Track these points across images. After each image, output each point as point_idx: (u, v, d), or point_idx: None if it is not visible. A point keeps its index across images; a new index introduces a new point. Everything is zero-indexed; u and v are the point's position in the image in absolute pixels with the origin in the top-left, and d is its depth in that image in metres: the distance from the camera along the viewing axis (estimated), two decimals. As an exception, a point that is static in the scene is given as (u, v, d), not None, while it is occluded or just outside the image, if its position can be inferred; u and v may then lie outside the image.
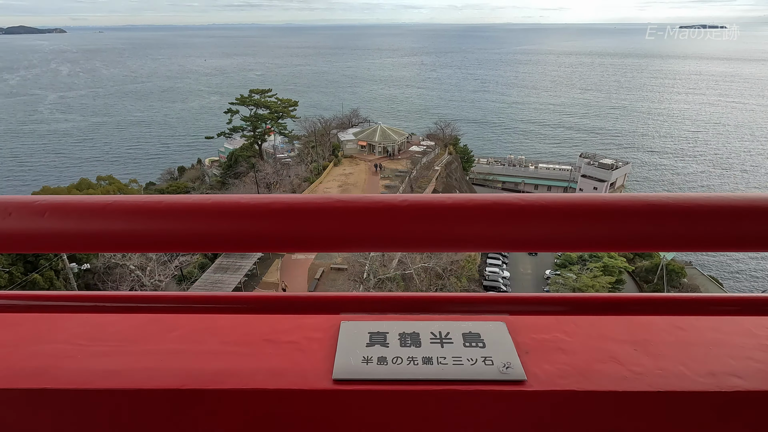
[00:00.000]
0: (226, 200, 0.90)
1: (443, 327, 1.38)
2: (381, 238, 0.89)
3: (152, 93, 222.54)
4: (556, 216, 0.87)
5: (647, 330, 1.39)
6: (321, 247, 0.90)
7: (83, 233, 0.89)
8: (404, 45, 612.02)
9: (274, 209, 0.88)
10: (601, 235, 0.87)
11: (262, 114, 76.75)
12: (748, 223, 0.85)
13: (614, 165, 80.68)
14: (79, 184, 54.83)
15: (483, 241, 0.89)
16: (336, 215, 0.88)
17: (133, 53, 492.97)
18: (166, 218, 0.89)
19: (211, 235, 0.89)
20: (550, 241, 0.89)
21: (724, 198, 0.86)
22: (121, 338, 1.38)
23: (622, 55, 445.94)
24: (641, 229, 0.86)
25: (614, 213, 0.86)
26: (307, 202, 0.89)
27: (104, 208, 0.88)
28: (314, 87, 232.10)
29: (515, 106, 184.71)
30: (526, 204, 0.87)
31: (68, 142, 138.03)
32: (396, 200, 0.89)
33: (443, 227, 0.88)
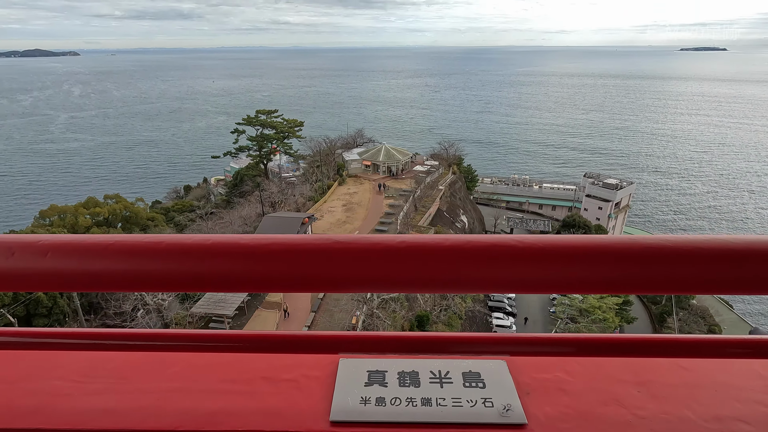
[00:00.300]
0: (226, 240, 0.91)
1: (443, 365, 1.36)
2: (378, 280, 0.90)
3: (161, 113, 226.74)
4: (553, 258, 0.87)
5: (651, 371, 1.36)
6: (319, 287, 0.91)
7: (85, 273, 0.90)
8: (408, 67, 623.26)
9: (273, 250, 0.89)
10: (597, 277, 0.87)
11: (268, 134, 77.79)
12: (746, 266, 0.84)
13: (618, 185, 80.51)
14: (87, 202, 55.38)
15: (481, 282, 0.90)
16: (334, 256, 0.88)
17: (143, 75, 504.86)
18: (167, 258, 0.90)
19: (212, 274, 0.90)
20: (547, 283, 0.89)
21: (719, 240, 0.85)
22: (118, 376, 1.37)
23: (624, 76, 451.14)
24: (636, 272, 0.86)
25: (610, 255, 0.86)
26: (305, 243, 0.90)
27: (106, 248, 0.90)
28: (320, 108, 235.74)
29: (518, 127, 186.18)
30: (524, 246, 0.87)
31: (77, 161, 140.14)
32: (394, 241, 0.89)
33: (440, 269, 0.88)
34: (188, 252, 0.89)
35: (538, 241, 0.89)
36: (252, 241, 0.90)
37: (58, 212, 51.90)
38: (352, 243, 0.89)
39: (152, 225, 58.09)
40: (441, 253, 0.88)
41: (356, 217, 53.59)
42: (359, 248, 0.89)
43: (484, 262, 0.87)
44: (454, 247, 0.88)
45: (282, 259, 0.89)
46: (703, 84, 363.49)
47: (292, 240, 0.91)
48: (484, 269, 0.88)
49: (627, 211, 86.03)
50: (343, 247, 0.88)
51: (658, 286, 0.88)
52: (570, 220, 70.82)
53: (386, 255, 0.88)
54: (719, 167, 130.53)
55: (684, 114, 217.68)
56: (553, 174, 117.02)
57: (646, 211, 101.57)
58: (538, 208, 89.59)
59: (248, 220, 52.18)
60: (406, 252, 0.88)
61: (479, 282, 0.89)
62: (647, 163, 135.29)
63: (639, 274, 0.86)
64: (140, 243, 0.91)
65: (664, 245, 0.86)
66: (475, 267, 0.87)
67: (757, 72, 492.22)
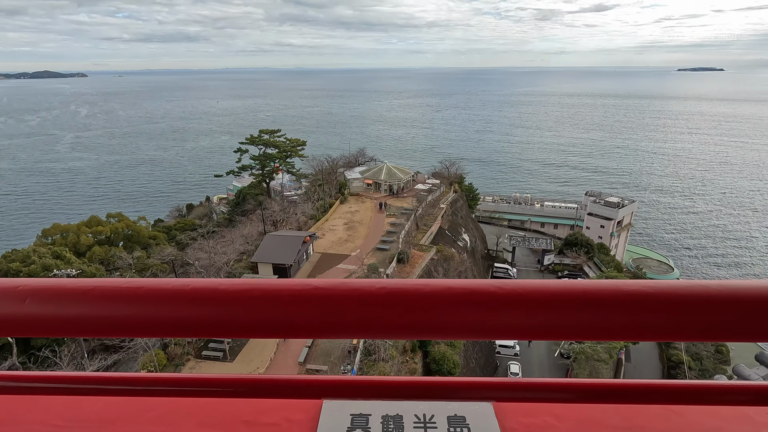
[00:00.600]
0: (205, 285, 0.90)
1: (428, 409, 1.34)
2: (356, 326, 0.89)
3: (165, 133, 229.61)
4: (531, 304, 0.86)
5: (642, 416, 1.33)
6: (298, 334, 0.90)
7: (64, 318, 0.89)
8: (410, 87, 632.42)
9: (252, 296, 0.88)
10: (581, 324, 0.87)
11: (271, 153, 78.43)
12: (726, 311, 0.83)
13: (620, 203, 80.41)
14: (89, 221, 55.54)
15: (462, 329, 0.89)
16: (312, 302, 0.88)
17: (149, 96, 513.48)
18: (146, 303, 0.88)
19: (191, 320, 0.89)
20: (525, 329, 0.88)
21: (707, 287, 0.84)
22: (98, 421, 1.34)
23: (623, 96, 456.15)
24: (618, 318, 0.85)
25: (593, 302, 0.86)
26: (283, 289, 0.89)
27: (85, 294, 0.89)
28: (322, 127, 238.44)
29: (519, 146, 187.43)
30: (503, 292, 0.87)
31: (81, 180, 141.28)
32: (373, 287, 0.89)
33: (420, 315, 0.88)
34: (168, 297, 0.89)
35: (517, 287, 0.88)
36: (232, 287, 0.90)
37: (61, 231, 52.01)
38: (330, 289, 0.88)
39: (154, 243, 58.08)
40: (421, 298, 0.87)
41: (358, 235, 53.48)
42: (337, 294, 0.88)
43: (465, 308, 0.87)
44: (435, 292, 0.87)
45: (262, 305, 0.88)
46: (701, 103, 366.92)
47: (272, 286, 0.90)
48: (465, 315, 0.87)
49: (629, 229, 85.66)
50: (321, 293, 0.88)
51: (636, 333, 0.87)
52: (572, 238, 70.48)
53: (365, 301, 0.87)
54: (721, 186, 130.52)
55: (684, 133, 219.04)
56: (555, 192, 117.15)
57: (649, 229, 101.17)
58: (540, 227, 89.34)
59: (250, 238, 52.12)
60: (385, 298, 0.87)
61: (461, 329, 0.89)
62: (649, 181, 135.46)
63: (600, 320, 0.86)
64: (120, 288, 0.90)
65: (642, 291, 0.84)
66: (455, 313, 0.87)
67: (755, 91, 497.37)
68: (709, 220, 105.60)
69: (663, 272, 73.16)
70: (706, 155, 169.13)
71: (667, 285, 0.86)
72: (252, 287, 0.89)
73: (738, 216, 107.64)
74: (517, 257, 70.10)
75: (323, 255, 48.69)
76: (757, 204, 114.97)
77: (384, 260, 45.22)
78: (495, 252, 72.54)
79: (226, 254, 43.93)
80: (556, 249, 70.29)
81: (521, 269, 67.86)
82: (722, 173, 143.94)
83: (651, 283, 0.86)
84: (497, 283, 0.89)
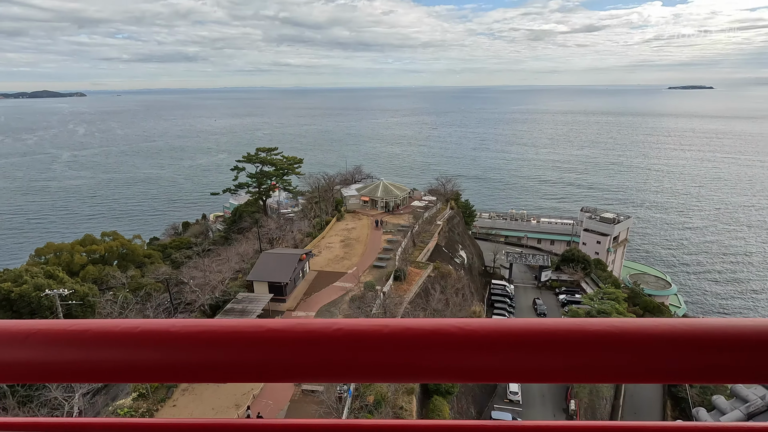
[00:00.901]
0: (155, 327, 0.85)
1: None
2: (311, 369, 0.84)
3: (162, 151, 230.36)
4: (497, 345, 0.82)
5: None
6: (250, 377, 0.85)
7: (2, 364, 0.83)
8: (406, 105, 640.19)
9: (201, 339, 0.83)
10: (550, 366, 0.82)
11: (268, 171, 78.64)
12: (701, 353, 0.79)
13: (616, 219, 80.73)
14: (84, 240, 55.10)
15: (421, 371, 0.84)
16: (267, 345, 0.83)
17: (147, 114, 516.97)
18: (92, 347, 0.82)
19: (140, 364, 0.83)
20: (492, 372, 0.83)
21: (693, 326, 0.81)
22: None
23: (616, 113, 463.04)
24: (559, 360, 0.82)
25: (561, 342, 0.82)
26: (235, 330, 0.84)
27: (27, 337, 0.84)
28: (319, 145, 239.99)
29: (515, 163, 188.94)
30: (463, 333, 0.83)
31: (77, 198, 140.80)
32: (330, 328, 0.85)
33: (375, 356, 0.83)
34: (114, 340, 0.82)
35: (480, 326, 0.84)
36: (182, 328, 0.85)
37: (54, 250, 51.51)
38: (283, 330, 0.84)
39: (149, 262, 57.53)
40: (379, 340, 0.83)
41: (354, 252, 53.22)
42: (291, 337, 0.83)
43: (426, 349, 0.82)
44: (394, 333, 0.83)
45: (206, 348, 0.83)
46: (693, 120, 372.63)
47: (220, 327, 0.85)
48: (426, 357, 0.82)
49: (626, 245, 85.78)
50: (273, 335, 0.84)
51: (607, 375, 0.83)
52: (569, 254, 70.42)
53: (320, 343, 0.83)
54: (716, 201, 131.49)
55: (677, 149, 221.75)
56: (551, 209, 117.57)
57: (646, 245, 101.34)
58: (536, 243, 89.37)
59: (245, 256, 51.74)
60: (342, 339, 0.83)
61: (422, 371, 0.84)
62: (644, 197, 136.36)
63: (561, 362, 0.82)
64: (64, 331, 0.84)
65: (620, 329, 0.81)
66: (416, 355, 0.83)
67: (745, 109, 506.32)
68: (704, 236, 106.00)
69: (661, 288, 72.95)
70: (699, 171, 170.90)
71: (635, 325, 0.83)
72: (203, 329, 0.84)
73: (733, 231, 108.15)
74: (514, 274, 69.85)
75: (319, 273, 48.32)
76: (752, 220, 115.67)
77: (381, 278, 44.90)
78: (492, 269, 72.27)
79: (222, 272, 43.50)
80: (553, 265, 70.12)
81: (518, 286, 67.52)
82: (716, 189, 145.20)
83: (617, 323, 0.83)
84: (459, 322, 0.85)
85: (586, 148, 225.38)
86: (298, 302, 42.74)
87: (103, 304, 36.44)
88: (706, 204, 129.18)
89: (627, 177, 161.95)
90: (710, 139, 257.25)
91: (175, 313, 37.33)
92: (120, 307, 35.72)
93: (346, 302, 41.06)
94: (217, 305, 40.21)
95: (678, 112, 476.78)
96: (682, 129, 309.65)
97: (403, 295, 42.36)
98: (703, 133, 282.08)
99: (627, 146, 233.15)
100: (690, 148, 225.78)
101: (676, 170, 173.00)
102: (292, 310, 41.69)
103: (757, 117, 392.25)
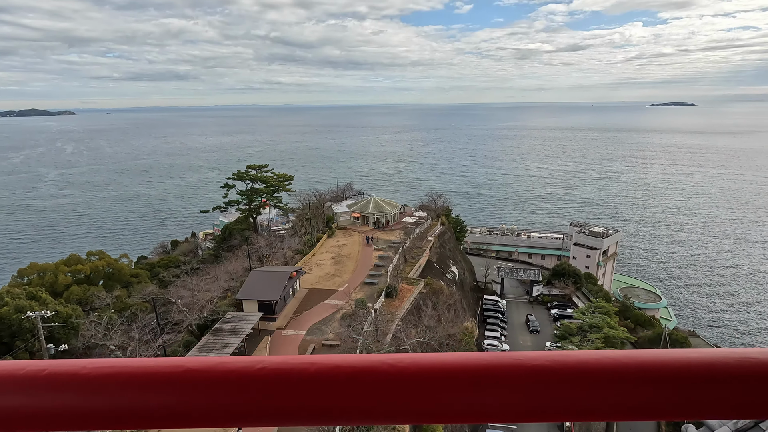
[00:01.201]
0: (63, 369, 0.77)
1: None
2: (231, 412, 0.76)
3: (152, 169, 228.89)
4: (422, 382, 0.76)
5: None
6: (162, 423, 0.77)
7: None
8: (396, 123, 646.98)
9: (108, 379, 0.75)
10: (515, 404, 0.76)
11: (258, 188, 78.38)
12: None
13: (605, 233, 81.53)
14: (68, 259, 54.01)
15: (348, 412, 0.77)
16: (180, 385, 0.76)
17: (137, 132, 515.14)
18: (38, 391, 0.75)
19: (46, 411, 0.75)
20: (422, 414, 0.77)
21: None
22: None
23: (602, 129, 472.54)
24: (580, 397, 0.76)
25: (516, 377, 0.76)
26: (146, 368, 0.77)
27: None
28: (310, 162, 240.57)
29: (504, 178, 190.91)
30: (395, 370, 0.77)
31: (63, 217, 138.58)
32: (253, 367, 0.78)
33: (301, 397, 0.76)
34: (15, 384, 0.75)
35: (413, 362, 0.78)
36: (94, 370, 0.77)
37: (38, 270, 50.36)
38: (199, 370, 0.77)
39: (136, 281, 56.46)
40: (306, 379, 0.77)
41: (345, 269, 52.83)
42: (208, 376, 0.76)
43: (355, 388, 0.76)
44: (321, 371, 0.77)
45: (112, 390, 0.75)
46: (676, 136, 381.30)
47: (128, 367, 0.77)
48: (355, 397, 0.77)
49: (615, 258, 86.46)
50: (187, 375, 0.76)
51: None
52: (560, 268, 70.68)
53: (241, 383, 0.76)
54: (702, 215, 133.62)
55: (662, 164, 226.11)
56: (541, 223, 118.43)
57: (635, 259, 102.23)
58: (527, 257, 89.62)
59: (235, 275, 51.04)
60: (265, 379, 0.77)
61: (349, 412, 0.77)
62: (632, 212, 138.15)
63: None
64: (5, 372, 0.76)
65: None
66: (342, 395, 0.76)
67: (726, 124, 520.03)
68: (692, 249, 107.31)
69: (651, 301, 73.33)
70: (685, 186, 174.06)
71: (581, 358, 0.79)
72: (115, 370, 0.76)
73: (720, 245, 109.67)
74: (506, 289, 69.78)
75: (310, 290, 47.80)
76: (738, 233, 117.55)
77: (372, 294, 44.52)
78: (484, 284, 72.16)
79: (210, 291, 42.78)
80: (544, 280, 70.24)
81: (510, 301, 67.39)
82: (702, 203, 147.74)
83: (559, 356, 0.79)
84: (391, 358, 0.78)
85: (574, 164, 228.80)
86: (288, 321, 42.11)
87: (87, 325, 35.51)
88: (692, 218, 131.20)
89: (615, 191, 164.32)
90: (694, 154, 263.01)
91: (162, 333, 36.49)
92: (104, 328, 34.83)
93: (337, 320, 40.55)
94: (206, 325, 39.42)
95: (662, 128, 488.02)
96: (666, 144, 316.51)
97: (395, 312, 41.97)
98: (687, 148, 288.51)
99: (614, 161, 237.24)
100: (675, 162, 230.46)
101: (662, 185, 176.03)
102: (282, 328, 41.02)
103: (738, 132, 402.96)
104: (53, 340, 34.58)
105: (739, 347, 2.11)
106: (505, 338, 55.31)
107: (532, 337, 56.68)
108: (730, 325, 76.65)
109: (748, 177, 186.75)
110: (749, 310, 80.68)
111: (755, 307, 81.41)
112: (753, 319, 78.14)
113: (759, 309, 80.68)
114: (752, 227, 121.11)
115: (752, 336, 73.17)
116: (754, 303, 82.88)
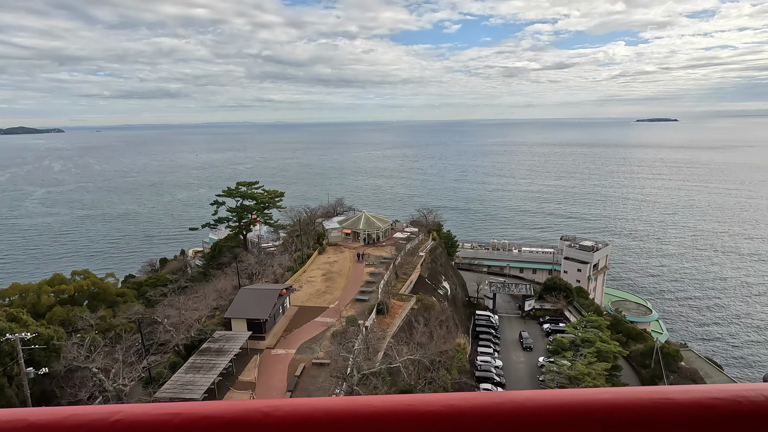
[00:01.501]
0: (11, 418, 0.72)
1: None
2: None
3: (141, 187, 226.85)
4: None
5: None
6: None
7: None
8: (387, 139, 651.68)
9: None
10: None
11: (248, 205, 77.86)
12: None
13: (594, 247, 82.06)
14: (52, 279, 52.76)
15: None
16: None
17: (127, 150, 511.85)
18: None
19: None
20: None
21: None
22: None
23: (589, 144, 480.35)
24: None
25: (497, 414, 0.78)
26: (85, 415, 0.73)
27: None
28: (301, 179, 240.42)
29: (495, 193, 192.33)
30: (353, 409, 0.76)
31: (49, 236, 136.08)
32: (198, 412, 0.76)
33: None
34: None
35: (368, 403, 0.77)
36: (41, 418, 0.72)
37: (20, 290, 49.07)
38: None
39: (122, 301, 55.22)
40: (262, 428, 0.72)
41: (336, 286, 52.28)
42: (147, 424, 0.73)
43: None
44: (284, 416, 0.76)
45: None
46: (661, 151, 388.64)
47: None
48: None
49: (606, 272, 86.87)
50: (125, 423, 0.74)
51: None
52: (551, 283, 70.70)
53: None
54: (690, 228, 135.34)
55: (648, 178, 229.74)
56: (532, 238, 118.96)
57: (625, 273, 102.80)
58: (519, 272, 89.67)
59: (224, 293, 50.21)
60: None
61: None
62: (622, 226, 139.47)
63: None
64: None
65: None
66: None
67: (708, 139, 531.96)
68: (681, 262, 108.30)
69: (642, 314, 73.44)
70: (672, 199, 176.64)
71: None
72: (62, 418, 0.72)
73: (709, 258, 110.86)
74: (498, 303, 69.49)
75: (300, 308, 47.12)
76: (726, 245, 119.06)
77: (363, 311, 43.99)
78: (476, 299, 71.83)
79: (198, 310, 41.92)
80: (536, 294, 70.13)
81: (503, 316, 67.02)
82: (689, 216, 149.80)
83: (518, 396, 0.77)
84: (343, 402, 0.73)
85: (563, 179, 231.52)
86: (278, 339, 41.32)
87: (69, 347, 34.46)
88: (681, 231, 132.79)
89: (604, 206, 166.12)
90: (680, 168, 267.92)
91: (147, 354, 35.50)
92: (87, 350, 33.83)
93: (328, 338, 39.89)
94: (193, 345, 38.47)
95: (648, 143, 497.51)
96: (652, 159, 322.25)
97: (386, 329, 41.42)
98: (673, 163, 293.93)
99: (602, 176, 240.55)
100: (662, 177, 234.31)
101: (650, 198, 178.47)
102: (271, 347, 40.20)
103: (720, 147, 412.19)
104: (33, 363, 33.45)
105: (735, 382, 2.04)
106: (498, 354, 54.76)
107: (525, 353, 56.21)
108: (721, 338, 76.97)
109: (732, 191, 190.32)
110: (739, 323, 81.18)
111: (745, 320, 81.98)
112: (744, 331, 78.59)
113: (749, 322, 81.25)
114: (739, 240, 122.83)
115: (743, 349, 73.48)
116: (743, 315, 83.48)
